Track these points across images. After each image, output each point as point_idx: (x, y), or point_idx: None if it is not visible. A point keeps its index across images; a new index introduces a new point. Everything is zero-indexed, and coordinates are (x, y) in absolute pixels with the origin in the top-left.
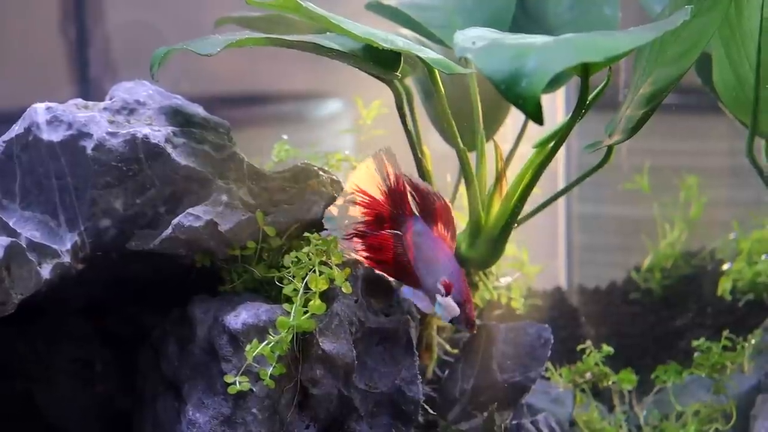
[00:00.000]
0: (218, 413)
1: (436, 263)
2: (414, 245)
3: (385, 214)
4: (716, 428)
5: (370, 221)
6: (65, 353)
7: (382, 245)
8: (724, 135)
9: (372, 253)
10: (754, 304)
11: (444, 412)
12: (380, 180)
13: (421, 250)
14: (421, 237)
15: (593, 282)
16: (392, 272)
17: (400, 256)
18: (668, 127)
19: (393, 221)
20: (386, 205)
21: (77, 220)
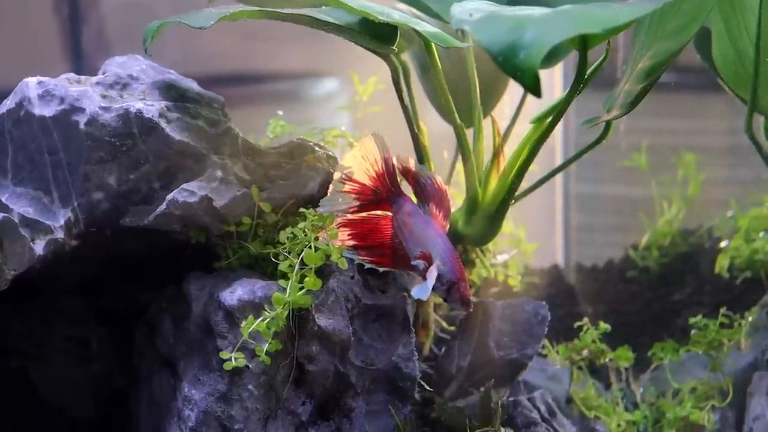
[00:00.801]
0: (214, 390)
1: (426, 242)
2: (404, 225)
3: (374, 199)
4: (713, 405)
5: (362, 207)
6: (60, 331)
7: (372, 230)
8: (723, 114)
9: (361, 241)
10: (752, 282)
11: (441, 389)
12: (368, 166)
13: (411, 230)
14: (412, 217)
15: (591, 260)
16: (386, 257)
17: (392, 238)
18: (667, 105)
19: (383, 204)
20: (375, 190)
21: (70, 195)
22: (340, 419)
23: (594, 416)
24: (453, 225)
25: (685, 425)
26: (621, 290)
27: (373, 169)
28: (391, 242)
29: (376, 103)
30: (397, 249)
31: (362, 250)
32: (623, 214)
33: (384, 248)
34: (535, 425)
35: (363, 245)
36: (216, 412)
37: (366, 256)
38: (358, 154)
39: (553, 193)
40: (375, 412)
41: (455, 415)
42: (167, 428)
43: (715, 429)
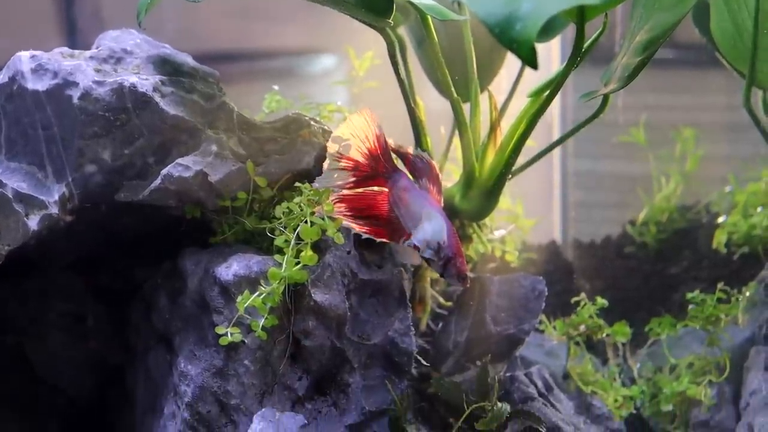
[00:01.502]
0: (210, 365)
1: (422, 216)
2: (399, 200)
3: (370, 175)
4: (710, 380)
5: (358, 182)
6: (56, 308)
7: (368, 206)
8: (722, 90)
9: (359, 214)
10: (750, 257)
11: (437, 364)
12: (359, 143)
13: (407, 204)
14: (408, 192)
15: (588, 237)
16: (382, 231)
17: (387, 212)
18: (665, 82)
19: (377, 180)
20: (370, 166)
21: (65, 170)
22: (336, 394)
23: (591, 391)
24: (450, 200)
25: (682, 400)
26: (618, 266)
27: (365, 146)
28: (388, 216)
29: (373, 79)
30: (393, 223)
31: (359, 222)
32: (621, 191)
33: (380, 222)
34: (532, 400)
35: (360, 219)
36: (212, 387)
37: (362, 228)
38: (347, 132)
39: (551, 170)
40: (372, 387)
41: (452, 390)
42: (164, 404)
43: (712, 404)
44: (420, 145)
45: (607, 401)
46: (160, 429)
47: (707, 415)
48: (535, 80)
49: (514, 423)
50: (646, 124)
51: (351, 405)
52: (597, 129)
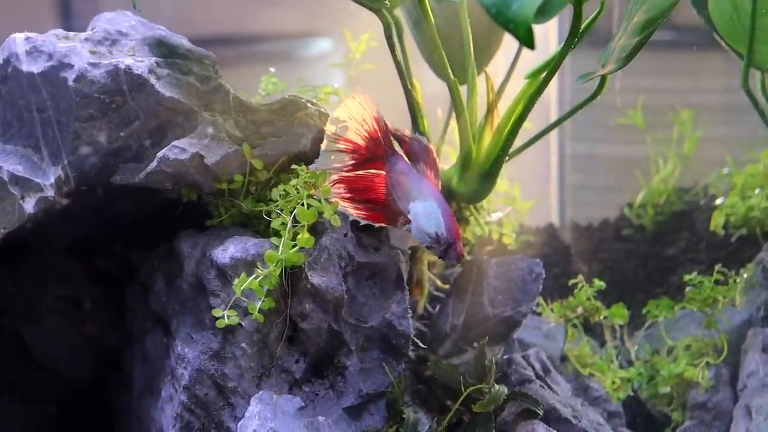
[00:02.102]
0: (207, 348)
1: (420, 200)
2: (398, 184)
3: (368, 157)
4: (707, 362)
5: (356, 165)
6: (53, 291)
7: (366, 188)
8: (719, 72)
9: (356, 197)
10: (747, 239)
11: (435, 347)
12: (357, 126)
13: (404, 188)
14: (405, 175)
15: (586, 220)
16: (380, 215)
17: (385, 196)
18: (662, 64)
19: (375, 163)
20: (367, 148)
21: (60, 153)
22: (334, 377)
23: (588, 373)
24: (447, 182)
25: (679, 382)
26: (616, 248)
27: (363, 129)
28: (385, 200)
29: (370, 62)
30: (390, 207)
31: (357, 206)
32: (618, 174)
33: (378, 205)
34: (530, 382)
35: (358, 201)
36: (209, 370)
37: (360, 211)
38: (344, 115)
39: (548, 154)
40: (369, 369)
41: (449, 372)
42: (161, 387)
43: (709, 385)
44: (417, 128)
45: (604, 383)
46: (158, 412)
47: (705, 397)
48: (532, 62)
49: (511, 405)
50: (644, 106)
51: (348, 387)
52: (594, 112)
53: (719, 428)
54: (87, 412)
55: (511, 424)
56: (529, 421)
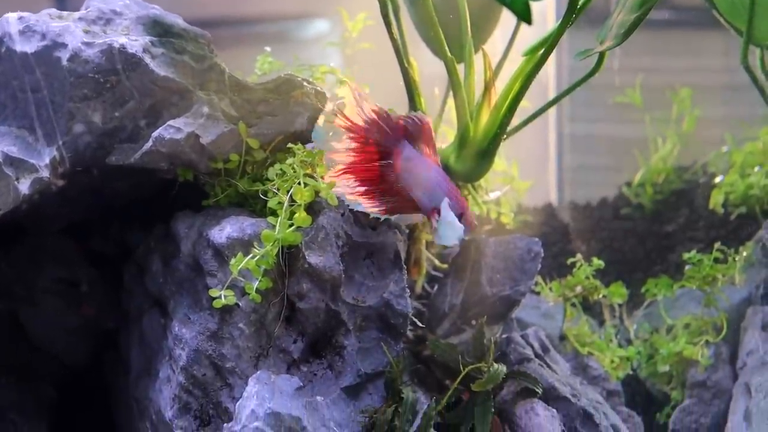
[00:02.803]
0: (204, 328)
1: (430, 184)
2: (406, 170)
3: (370, 141)
4: (707, 340)
5: (356, 150)
6: (49, 273)
7: (376, 176)
8: (719, 51)
9: (367, 185)
10: (747, 217)
11: (433, 326)
12: (357, 108)
13: (414, 173)
14: (412, 161)
15: (584, 199)
16: (393, 203)
17: (393, 183)
18: (661, 44)
19: (379, 150)
20: (367, 130)
21: (55, 134)
22: (332, 357)
23: (587, 352)
24: (444, 161)
25: (678, 360)
26: (615, 227)
27: (363, 112)
28: (396, 187)
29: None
30: (402, 195)
31: (369, 196)
32: (617, 154)
33: (390, 194)
34: (528, 361)
35: (370, 191)
36: (207, 350)
37: (372, 203)
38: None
39: (546, 134)
40: (367, 349)
41: (448, 351)
42: (158, 368)
43: (708, 364)
44: (414, 106)
45: (603, 362)
46: (156, 393)
47: (704, 375)
48: (530, 41)
49: (510, 384)
50: (643, 86)
51: (347, 367)
52: (593, 92)
53: (718, 406)
54: (85, 394)
55: (510, 403)
56: (528, 400)
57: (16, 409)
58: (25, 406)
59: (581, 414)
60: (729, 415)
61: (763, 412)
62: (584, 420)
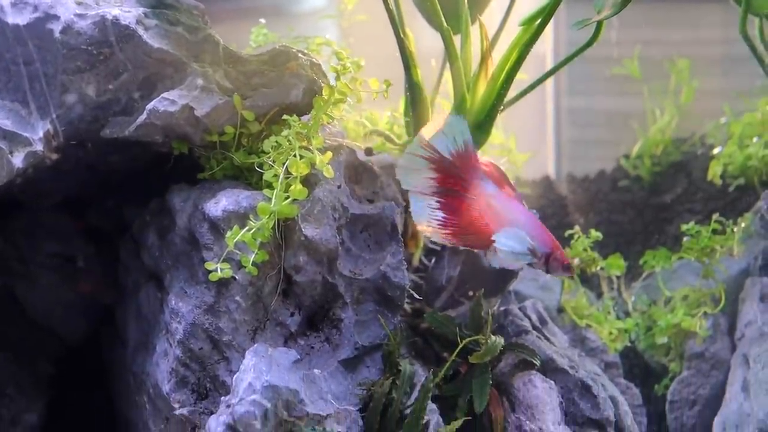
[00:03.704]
0: (201, 302)
1: (513, 221)
2: (489, 207)
3: (454, 176)
4: (705, 312)
5: (438, 181)
6: (46, 248)
7: (460, 208)
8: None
9: (452, 216)
10: (745, 188)
11: (431, 299)
12: (450, 142)
13: (496, 210)
14: (495, 198)
15: (583, 172)
16: (475, 238)
17: (477, 219)
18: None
19: (463, 184)
20: (455, 167)
21: (48, 107)
22: (329, 330)
23: (585, 325)
24: None
25: (677, 332)
26: (613, 199)
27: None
28: (478, 223)
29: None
30: (483, 230)
31: (450, 228)
32: (615, 128)
33: (473, 228)
34: (526, 333)
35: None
36: (204, 324)
37: (448, 233)
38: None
39: (544, 108)
40: (364, 322)
41: (446, 324)
42: (156, 342)
43: (707, 335)
44: (410, 77)
45: (601, 334)
46: (153, 367)
47: (702, 347)
48: (527, 11)
49: (508, 356)
50: (641, 58)
51: (344, 340)
52: (590, 65)
53: (717, 377)
54: (82, 368)
55: (508, 375)
56: (526, 372)
57: (14, 385)
58: (23, 382)
59: (579, 385)
60: (727, 386)
61: (761, 382)
62: (582, 391)
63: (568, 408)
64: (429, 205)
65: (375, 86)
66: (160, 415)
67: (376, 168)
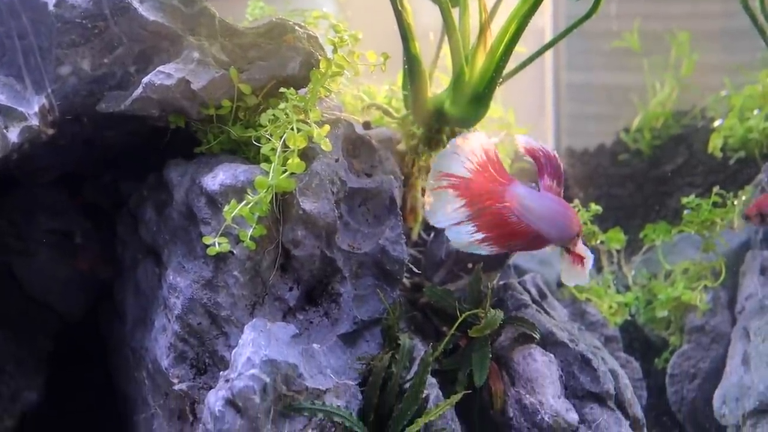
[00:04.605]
0: (199, 277)
1: (555, 216)
2: (526, 209)
3: (481, 192)
4: (705, 285)
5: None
6: (43, 224)
7: (497, 222)
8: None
9: (491, 232)
10: (746, 161)
11: (430, 274)
12: (464, 159)
13: (534, 211)
14: (529, 199)
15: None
16: (517, 243)
17: (516, 224)
18: None
19: (492, 196)
20: (479, 182)
21: (43, 81)
22: (328, 304)
23: (585, 299)
24: (439, 106)
25: (677, 306)
26: (612, 173)
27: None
28: (521, 228)
29: None
30: (527, 232)
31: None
32: (614, 103)
33: (516, 236)
34: (526, 307)
35: (495, 236)
36: (202, 299)
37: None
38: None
39: (543, 83)
40: (363, 296)
41: (445, 298)
42: (154, 317)
43: (707, 309)
44: (408, 50)
45: (601, 308)
46: (151, 342)
47: (702, 320)
48: None
49: (508, 330)
50: (640, 32)
51: (343, 315)
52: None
53: (717, 351)
54: (81, 344)
55: (507, 349)
56: (525, 346)
57: (13, 361)
58: (22, 358)
59: (579, 359)
60: (727, 359)
61: (761, 355)
62: (582, 365)
63: (568, 381)
64: (467, 232)
65: (373, 59)
66: (159, 391)
67: (374, 142)
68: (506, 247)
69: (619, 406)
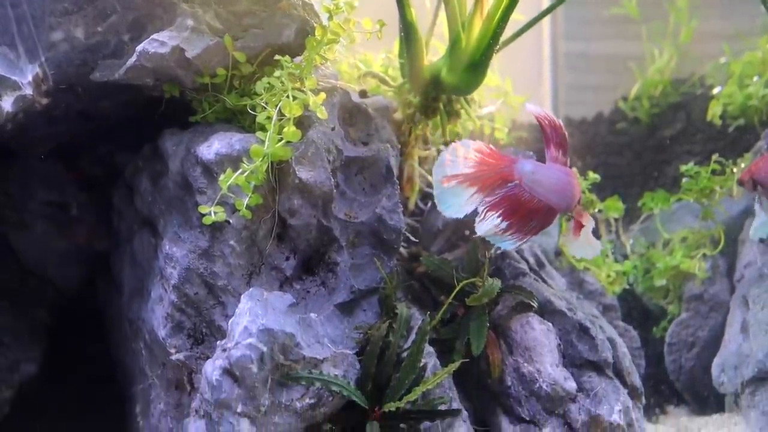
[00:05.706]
0: (195, 246)
1: (563, 187)
2: (535, 183)
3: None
4: (704, 254)
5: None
6: (40, 196)
7: (514, 205)
8: None
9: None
10: (745, 128)
11: (427, 243)
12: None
13: (543, 184)
14: (537, 173)
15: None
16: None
17: (530, 201)
18: None
19: (502, 176)
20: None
21: (37, 50)
22: (324, 274)
23: (583, 268)
24: (436, 74)
25: (675, 274)
26: (610, 142)
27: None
28: (534, 204)
29: None
30: (540, 207)
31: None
32: (613, 73)
33: (533, 213)
34: (524, 276)
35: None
36: (198, 269)
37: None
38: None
39: (541, 53)
40: (360, 265)
41: (442, 267)
42: (151, 288)
43: (705, 277)
44: (404, 17)
45: (599, 277)
46: (148, 313)
47: (701, 289)
48: None
49: (506, 299)
50: None
51: (340, 284)
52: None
53: (715, 319)
54: (78, 316)
55: (505, 317)
56: (523, 314)
57: (11, 333)
58: (19, 330)
59: (577, 327)
60: (726, 327)
61: (760, 323)
62: (580, 333)
63: (566, 350)
64: (493, 223)
65: (368, 27)
66: (156, 361)
67: (370, 110)
68: (526, 231)
69: (617, 374)
